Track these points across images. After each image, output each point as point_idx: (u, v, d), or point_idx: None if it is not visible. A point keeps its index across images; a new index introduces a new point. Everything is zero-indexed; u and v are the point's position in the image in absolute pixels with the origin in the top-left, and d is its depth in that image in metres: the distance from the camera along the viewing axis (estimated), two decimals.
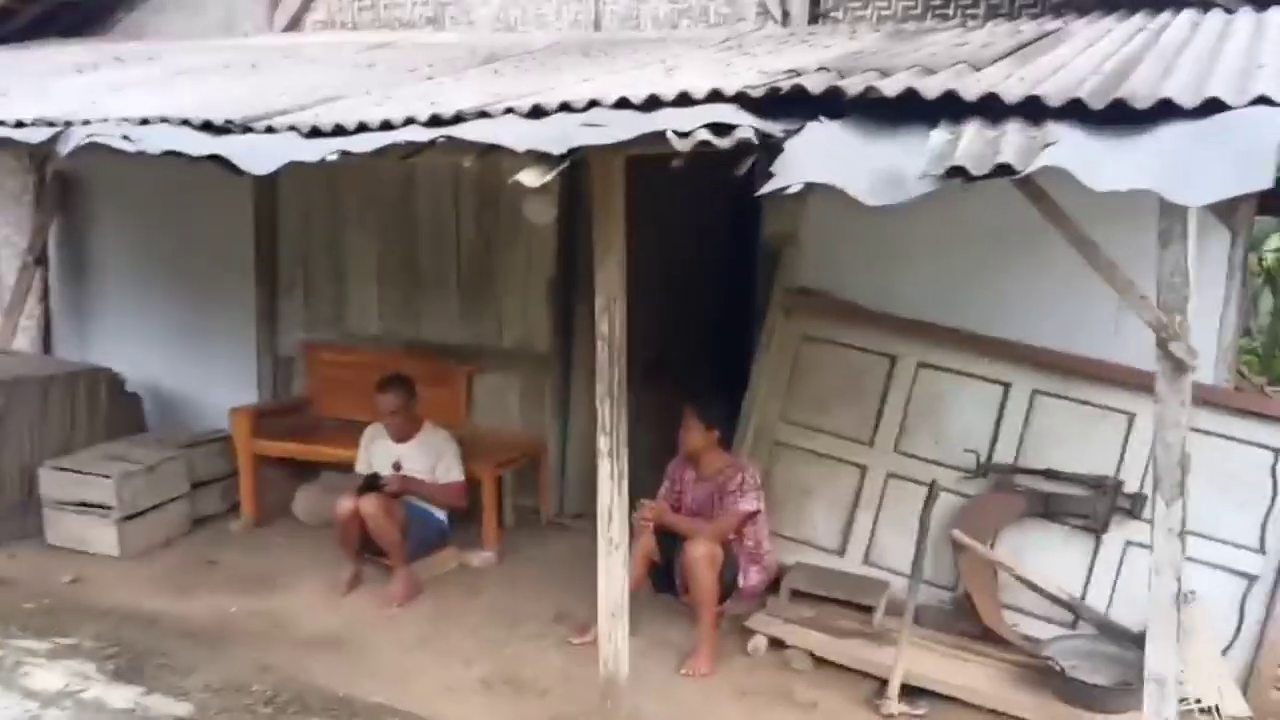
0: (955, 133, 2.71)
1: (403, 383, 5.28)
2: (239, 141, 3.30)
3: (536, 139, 2.81)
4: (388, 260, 6.36)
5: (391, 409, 5.22)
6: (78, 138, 3.46)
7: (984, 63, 3.28)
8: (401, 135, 3.05)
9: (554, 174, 2.79)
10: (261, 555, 5.66)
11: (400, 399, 5.23)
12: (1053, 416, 4.80)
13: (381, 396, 5.22)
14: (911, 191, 2.54)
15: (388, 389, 5.23)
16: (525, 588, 5.30)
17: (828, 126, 2.79)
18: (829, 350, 5.19)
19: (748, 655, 4.65)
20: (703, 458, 4.82)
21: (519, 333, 6.11)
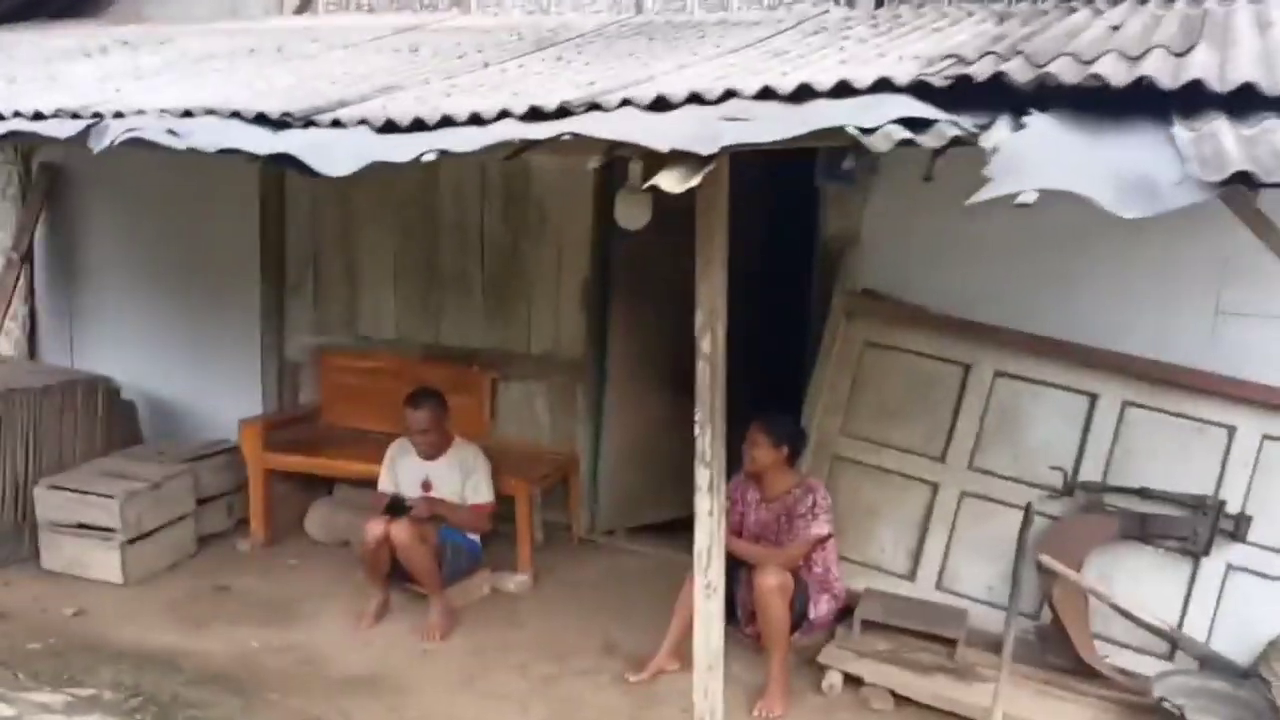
0: (1198, 129, 2.31)
1: (435, 398, 4.86)
2: (305, 139, 2.89)
3: (681, 137, 2.40)
4: (405, 259, 5.93)
5: (423, 427, 4.80)
6: (115, 133, 3.03)
7: (1177, 48, 2.87)
8: (512, 131, 2.64)
9: (700, 177, 2.38)
10: (276, 579, 5.23)
11: (433, 416, 4.81)
12: (1145, 430, 4.45)
13: (413, 413, 4.79)
14: (1171, 202, 2.16)
15: (420, 405, 4.81)
16: (567, 615, 4.90)
17: (1042, 121, 2.37)
18: (895, 358, 4.81)
19: (822, 694, 4.28)
20: (768, 476, 4.44)
21: (548, 338, 5.69)
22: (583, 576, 5.35)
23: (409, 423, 4.81)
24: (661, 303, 5.68)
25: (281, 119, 3.04)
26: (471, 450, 4.94)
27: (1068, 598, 4.32)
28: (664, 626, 4.74)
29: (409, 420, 4.81)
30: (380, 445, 5.66)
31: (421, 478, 4.89)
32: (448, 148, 2.66)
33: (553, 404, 5.73)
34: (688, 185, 2.38)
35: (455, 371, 5.81)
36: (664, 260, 5.62)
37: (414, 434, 4.82)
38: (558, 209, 5.52)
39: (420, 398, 4.83)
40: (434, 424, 4.82)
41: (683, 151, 2.39)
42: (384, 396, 5.91)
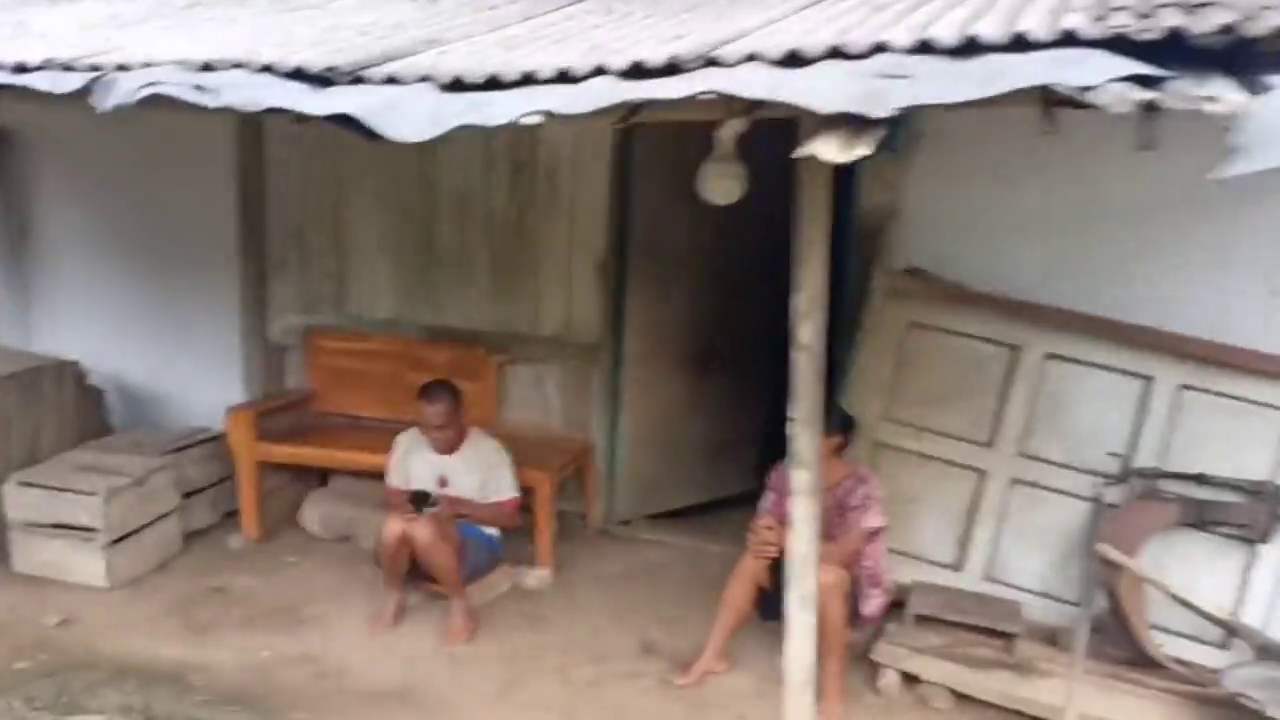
0: None
1: (450, 390, 4.52)
2: (366, 99, 2.53)
3: (845, 97, 2.10)
4: (402, 234, 5.55)
5: (440, 422, 4.46)
6: (127, 89, 2.63)
7: None
8: (627, 90, 2.32)
9: (870, 145, 2.09)
10: (276, 579, 4.87)
11: (449, 410, 4.47)
12: (1201, 414, 4.29)
13: (428, 408, 4.45)
14: None
15: (435, 399, 4.46)
16: (595, 613, 4.64)
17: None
18: (940, 339, 4.59)
19: (878, 693, 4.08)
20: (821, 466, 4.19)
21: (560, 319, 5.38)
22: (605, 570, 5.08)
23: (423, 417, 4.47)
24: (680, 279, 5.42)
25: (324, 75, 2.69)
26: (491, 444, 4.62)
27: (1130, 588, 4.17)
28: (700, 622, 4.52)
29: (423, 415, 4.46)
30: (378, 433, 5.35)
31: (437, 473, 4.56)
32: (554, 109, 2.34)
33: (565, 388, 5.43)
34: (854, 155, 2.10)
35: (459, 354, 5.47)
36: (684, 233, 5.36)
37: (429, 429, 4.48)
38: (571, 179, 5.19)
39: (435, 391, 4.49)
40: (450, 418, 4.48)
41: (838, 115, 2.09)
42: (380, 381, 5.59)
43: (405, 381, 5.53)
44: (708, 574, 5.06)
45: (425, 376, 5.38)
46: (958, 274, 4.59)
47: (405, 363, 5.57)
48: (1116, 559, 4.23)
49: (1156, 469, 4.29)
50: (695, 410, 5.70)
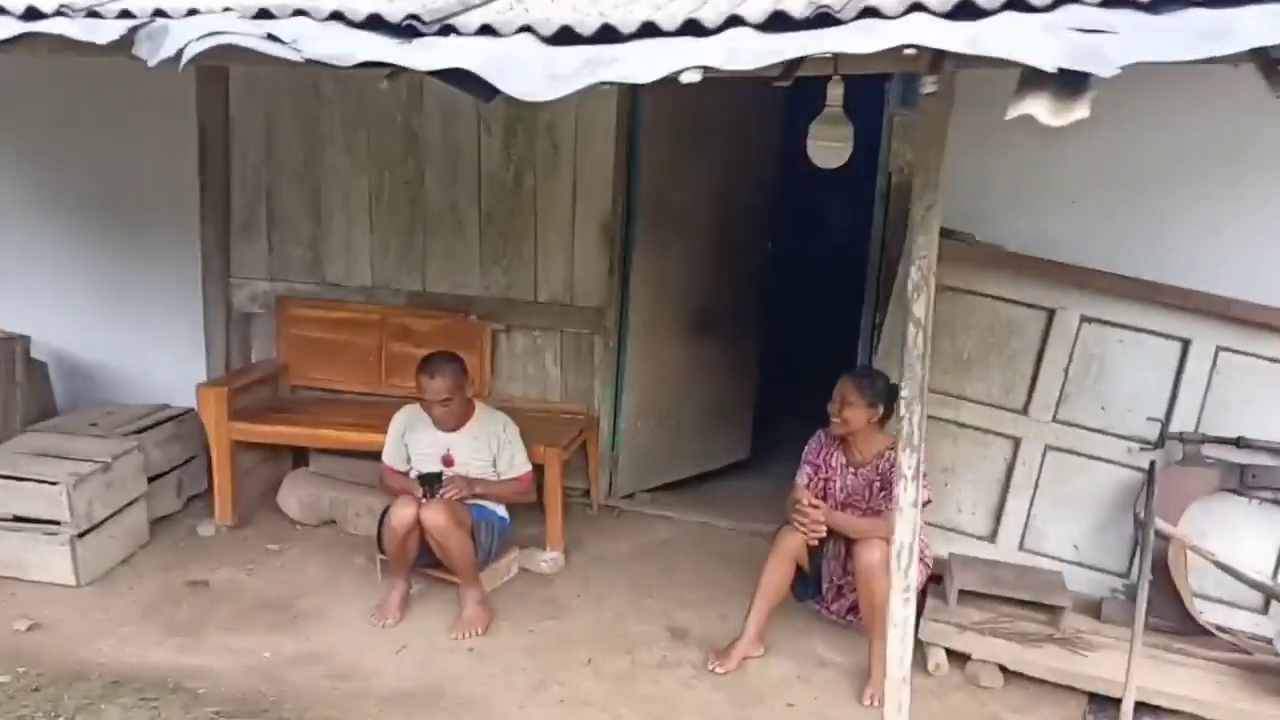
0: None
1: (454, 362, 4.15)
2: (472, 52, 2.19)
3: (1058, 52, 1.83)
4: (383, 193, 5.14)
5: (443, 396, 4.10)
6: (183, 39, 2.21)
7: None
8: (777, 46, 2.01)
9: (1086, 107, 1.83)
10: (260, 570, 4.48)
11: (454, 384, 4.11)
12: (1239, 377, 4.18)
13: (430, 382, 4.08)
14: None
15: (437, 372, 4.09)
16: (613, 597, 4.37)
17: None
18: (973, 303, 4.40)
19: (927, 674, 3.90)
20: (858, 439, 3.98)
21: (560, 283, 5.04)
22: (615, 550, 4.81)
23: (425, 393, 4.09)
24: (681, 241, 5.14)
25: (407, 24, 2.33)
26: (499, 420, 4.28)
27: (1175, 556, 4.06)
28: (723, 603, 4.32)
29: (425, 390, 4.09)
30: (358, 409, 5.01)
31: (441, 452, 4.20)
32: (712, 64, 2.03)
33: (565, 358, 5.11)
34: (1072, 117, 1.83)
35: (448, 322, 5.11)
36: (686, 193, 5.09)
37: (432, 405, 4.12)
38: (572, 136, 4.85)
39: (438, 364, 4.11)
40: (455, 392, 4.12)
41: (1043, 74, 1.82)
42: (359, 353, 5.22)
43: (388, 353, 5.19)
44: (719, 551, 4.86)
45: (409, 347, 5.08)
46: (991, 236, 4.39)
47: (387, 333, 5.19)
48: (1161, 527, 4.12)
49: (1197, 434, 4.18)
50: (693, 377, 5.44)
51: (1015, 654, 3.88)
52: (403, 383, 5.12)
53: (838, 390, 3.93)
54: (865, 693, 3.73)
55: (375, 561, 4.37)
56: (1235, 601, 4.19)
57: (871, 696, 3.71)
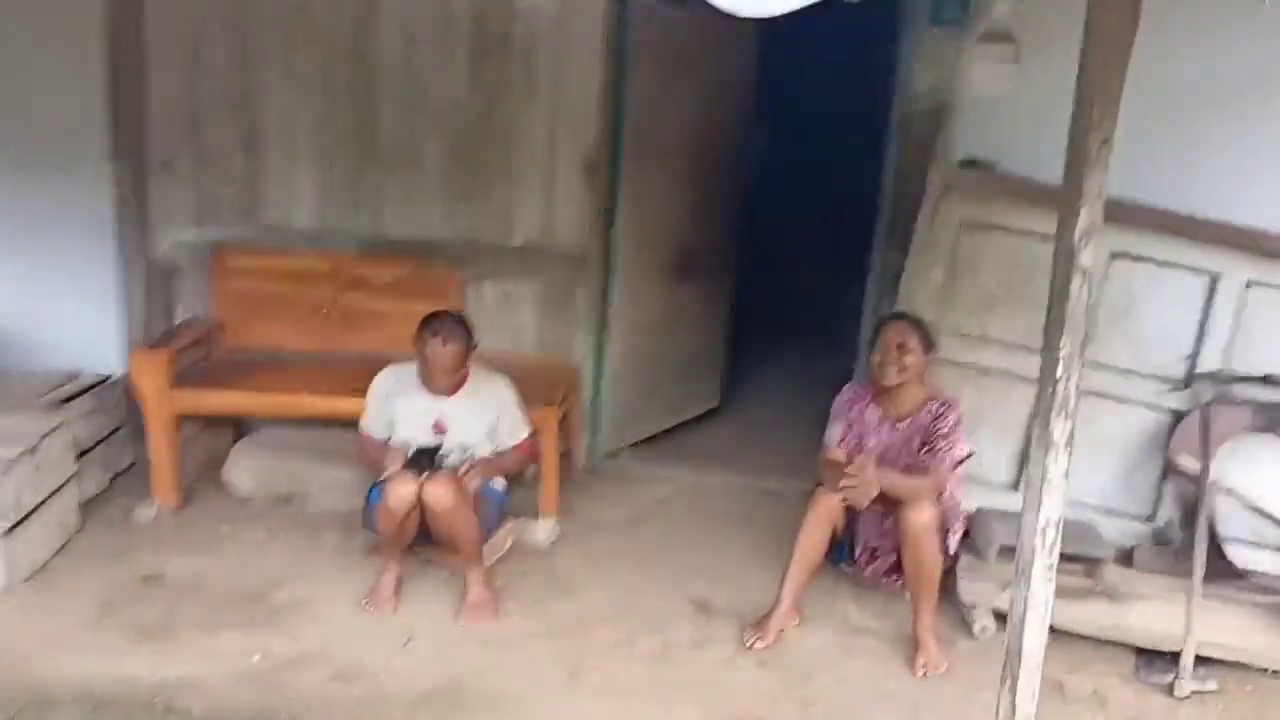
0: None
1: (463, 325, 3.68)
2: None
3: None
4: (331, 125, 4.56)
5: (452, 365, 3.63)
6: None
7: None
8: None
9: None
10: (219, 558, 3.94)
11: (463, 349, 3.64)
12: (1267, 312, 4.05)
13: (441, 349, 3.58)
14: None
15: (450, 337, 3.59)
16: (621, 569, 4.00)
17: None
18: (997, 239, 4.13)
19: (973, 637, 3.67)
20: (901, 391, 3.67)
21: (536, 225, 4.57)
22: (610, 515, 4.44)
23: (433, 360, 3.60)
24: (667, 174, 4.74)
25: None
26: (499, 381, 3.82)
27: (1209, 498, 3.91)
28: (739, 567, 4.04)
29: (434, 357, 3.59)
30: (313, 370, 4.49)
31: (433, 419, 3.72)
32: None
33: (542, 307, 4.65)
34: None
35: (410, 272, 4.60)
36: (669, 126, 4.68)
37: (438, 373, 3.63)
38: (553, 62, 4.36)
39: (449, 328, 3.60)
40: (464, 359, 3.66)
41: None
42: (307, 307, 4.67)
43: (340, 306, 4.65)
44: (719, 510, 4.56)
45: (365, 299, 4.59)
46: (1017, 167, 4.11)
47: (339, 283, 4.64)
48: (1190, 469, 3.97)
49: (1227, 372, 4.03)
50: (671, 324, 5.07)
51: (1062, 611, 3.67)
52: (359, 339, 4.63)
53: (892, 335, 3.60)
54: (916, 663, 3.47)
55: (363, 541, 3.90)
56: (1259, 541, 4.07)
57: (924, 666, 3.45)
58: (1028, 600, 2.54)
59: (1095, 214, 2.31)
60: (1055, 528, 2.48)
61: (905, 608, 3.77)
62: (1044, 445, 2.42)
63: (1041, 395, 2.42)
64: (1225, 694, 3.43)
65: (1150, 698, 3.41)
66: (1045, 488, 2.46)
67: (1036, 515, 2.49)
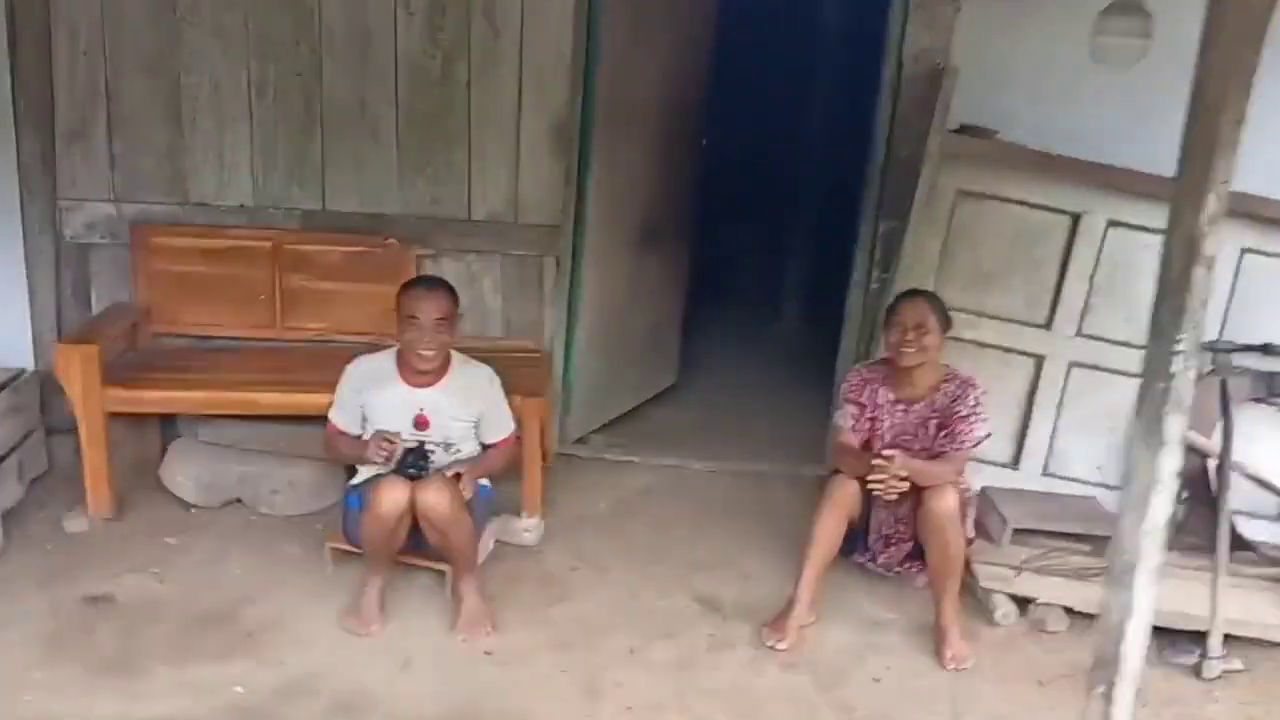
0: None
1: (453, 294, 3.33)
2: None
3: None
4: (268, 87, 4.10)
5: (435, 343, 3.26)
6: None
7: None
8: None
9: None
10: (172, 573, 3.51)
11: (450, 307, 3.29)
12: (1260, 279, 3.99)
13: (426, 298, 3.23)
14: None
15: (435, 301, 3.24)
16: (617, 567, 3.74)
17: None
18: (994, 210, 3.97)
19: (995, 625, 3.53)
20: (916, 371, 3.48)
21: (501, 198, 4.22)
22: (592, 507, 4.15)
23: (412, 337, 3.24)
24: (635, 139, 4.45)
25: None
26: (484, 372, 3.46)
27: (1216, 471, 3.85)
28: (740, 560, 3.85)
29: (413, 333, 3.23)
30: (255, 358, 4.13)
31: (413, 413, 3.36)
32: None
33: (507, 285, 4.31)
34: None
35: (360, 250, 4.19)
36: (640, 88, 4.38)
37: (420, 354, 3.27)
38: (518, 16, 3.99)
39: (430, 282, 3.29)
40: (452, 325, 3.31)
41: None
42: (247, 289, 4.28)
43: (285, 289, 4.23)
44: (705, 498, 4.34)
45: (311, 280, 4.21)
46: (1011, 132, 3.94)
47: (282, 263, 4.21)
48: (1197, 442, 3.91)
49: (1229, 342, 3.96)
50: (635, 298, 4.79)
51: (1081, 594, 3.57)
52: (304, 325, 4.22)
53: (910, 314, 3.39)
54: (944, 655, 3.30)
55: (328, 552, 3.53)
56: (1254, 511, 4.06)
57: (954, 658, 3.29)
58: (1130, 608, 2.35)
59: (1223, 200, 2.10)
60: (1163, 531, 2.29)
61: (919, 597, 3.62)
62: (1153, 444, 2.22)
63: (1148, 390, 2.21)
64: (1252, 672, 3.36)
65: (1180, 681, 3.32)
66: (1155, 489, 2.26)
67: (1142, 519, 2.29)
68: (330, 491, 4.00)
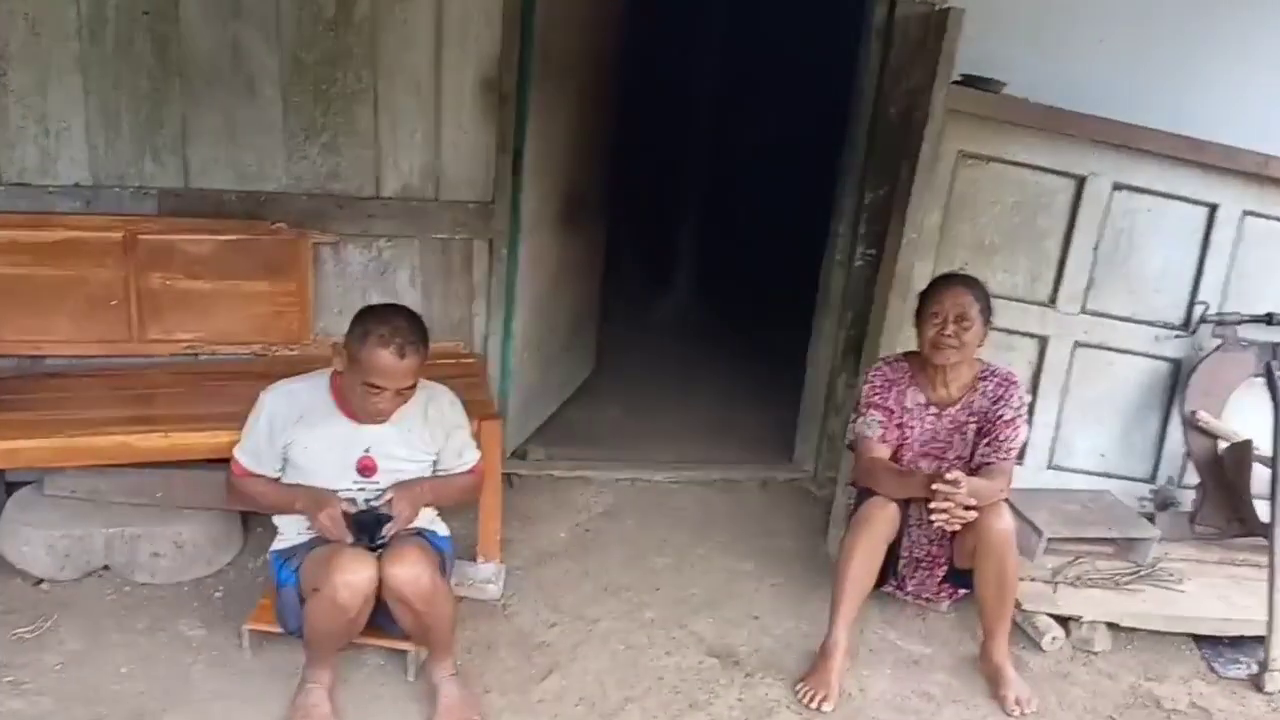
0: None
1: (417, 325, 2.50)
2: None
3: None
4: (105, 29, 3.13)
5: (409, 383, 2.47)
6: None
7: None
8: None
9: None
10: (36, 683, 2.61)
11: (421, 363, 2.50)
12: (1261, 244, 3.71)
13: (396, 363, 2.40)
14: None
15: (407, 346, 2.41)
16: (603, 617, 3.11)
17: None
18: (997, 174, 3.49)
19: (1043, 652, 3.11)
20: (948, 371, 2.98)
21: (417, 168, 3.42)
22: (552, 539, 3.50)
23: (368, 405, 2.46)
24: (567, 97, 3.75)
25: None
26: (443, 395, 2.69)
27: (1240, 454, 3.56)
28: (742, 596, 3.34)
29: (370, 400, 2.45)
30: (109, 383, 3.25)
31: (356, 455, 2.59)
32: None
33: (428, 277, 3.53)
34: None
35: (238, 239, 3.32)
36: (574, 39, 3.68)
37: (381, 401, 2.47)
38: None
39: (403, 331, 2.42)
40: (417, 375, 2.52)
41: None
42: (92, 294, 3.36)
43: (142, 291, 3.33)
44: (675, 517, 3.81)
45: (177, 279, 3.38)
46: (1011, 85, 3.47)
47: (134, 259, 3.28)
48: (1212, 426, 3.62)
49: (1233, 314, 3.67)
50: (561, 284, 4.12)
51: (1124, 607, 3.21)
52: (170, 335, 3.35)
53: (951, 303, 2.87)
54: (1007, 699, 2.86)
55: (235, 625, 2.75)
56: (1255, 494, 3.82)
57: (1018, 702, 2.85)
58: None
59: None
60: None
61: (945, 623, 3.22)
62: None
63: None
64: None
65: (1246, 699, 3.03)
66: None
67: None
68: (228, 546, 3.18)
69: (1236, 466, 3.55)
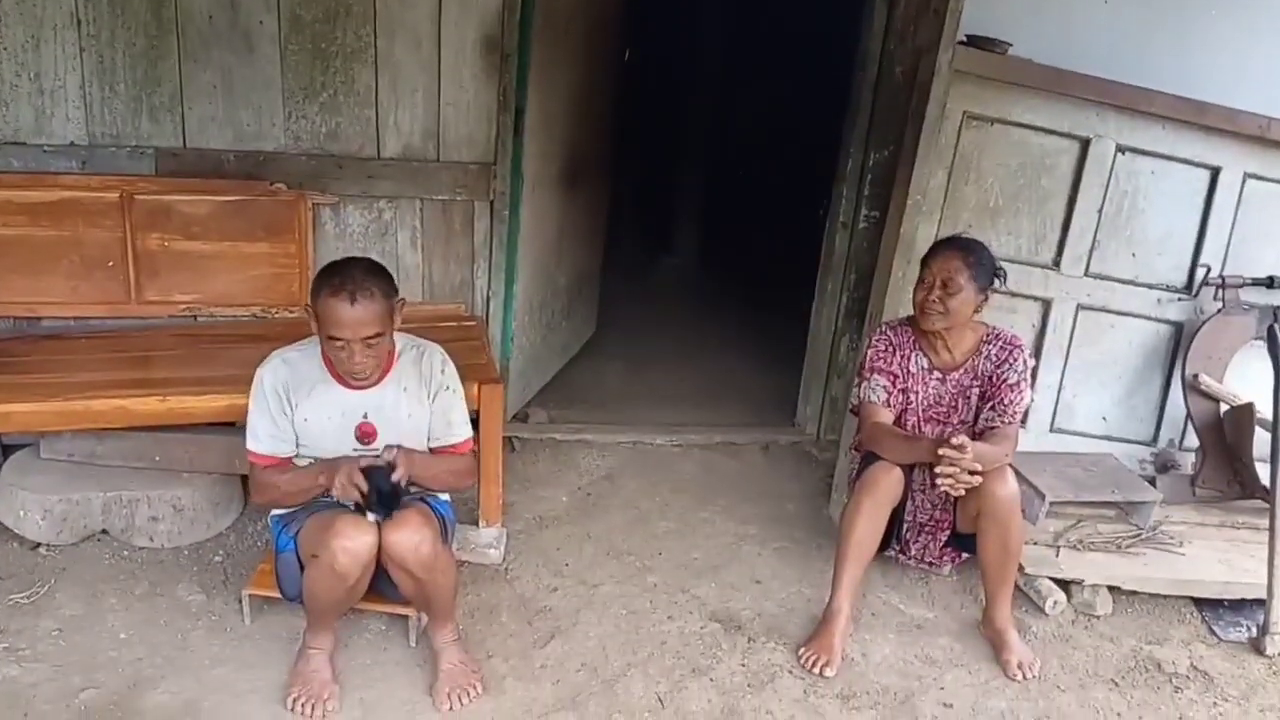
0: None
1: (380, 277, 2.45)
2: None
3: None
4: None
5: (372, 331, 2.41)
6: None
7: None
8: None
9: None
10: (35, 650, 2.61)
11: (385, 309, 2.43)
12: (1262, 208, 3.69)
13: (349, 311, 2.34)
14: None
15: (359, 294, 2.34)
16: (604, 581, 3.11)
17: None
18: (1001, 135, 3.45)
19: (1046, 616, 3.12)
20: (951, 335, 2.97)
21: (418, 128, 3.38)
22: (553, 503, 3.49)
23: (338, 330, 2.36)
24: (567, 54, 3.70)
25: None
26: (434, 352, 2.66)
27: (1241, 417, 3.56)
28: (745, 560, 3.32)
29: (339, 326, 2.36)
30: (105, 344, 3.26)
31: (354, 421, 2.56)
32: None
33: (428, 238, 3.50)
34: None
35: (236, 199, 3.28)
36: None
37: (350, 353, 2.42)
38: None
39: (357, 280, 2.35)
40: (385, 322, 2.47)
41: None
42: (89, 254, 3.36)
43: (140, 252, 3.30)
44: (677, 480, 3.81)
45: (175, 241, 3.34)
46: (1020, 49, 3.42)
47: (132, 220, 3.25)
48: (1214, 390, 3.61)
49: (1236, 277, 3.65)
50: (563, 245, 4.10)
51: (1126, 570, 3.21)
52: (168, 296, 3.32)
53: (936, 268, 2.86)
54: (1009, 664, 2.87)
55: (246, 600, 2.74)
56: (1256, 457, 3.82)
57: (1020, 666, 2.86)
58: None
59: None
60: None
61: (947, 585, 3.23)
62: None
63: None
64: None
65: (1246, 661, 3.04)
66: None
67: None
68: (228, 510, 3.17)
69: (1237, 429, 3.56)
